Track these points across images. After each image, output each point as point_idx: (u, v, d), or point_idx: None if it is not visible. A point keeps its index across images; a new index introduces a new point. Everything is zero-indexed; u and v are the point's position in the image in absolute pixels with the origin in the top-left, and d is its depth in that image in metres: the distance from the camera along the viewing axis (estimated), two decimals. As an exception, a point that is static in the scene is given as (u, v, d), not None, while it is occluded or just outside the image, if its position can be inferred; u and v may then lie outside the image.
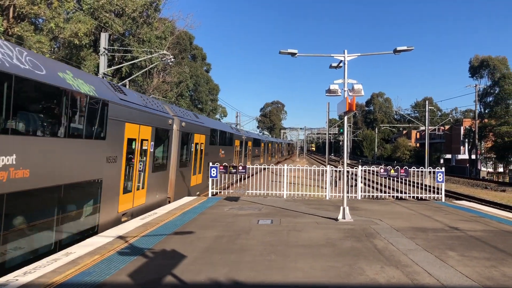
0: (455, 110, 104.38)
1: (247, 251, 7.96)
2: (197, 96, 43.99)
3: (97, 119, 10.79)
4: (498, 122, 56.46)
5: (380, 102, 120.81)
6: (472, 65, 65.87)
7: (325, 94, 11.94)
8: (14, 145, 7.61)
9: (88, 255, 7.61)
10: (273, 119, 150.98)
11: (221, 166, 17.05)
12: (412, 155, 77.82)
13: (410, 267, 6.97)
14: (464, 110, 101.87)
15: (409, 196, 18.25)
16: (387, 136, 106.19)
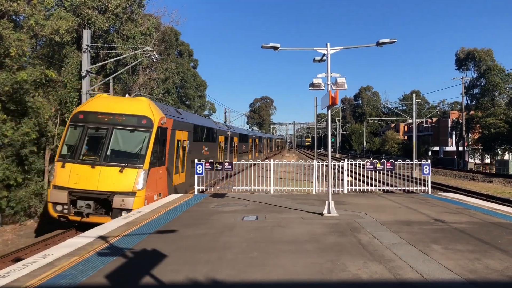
0: (443, 103, 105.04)
1: (230, 249, 7.83)
2: (184, 92, 43.65)
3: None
4: (484, 114, 56.94)
5: (368, 95, 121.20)
6: (458, 58, 66.21)
7: (309, 88, 11.82)
8: None
9: (66, 257, 7.42)
10: (263, 115, 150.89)
11: (207, 163, 16.88)
12: (401, 148, 78.24)
13: (394, 262, 6.89)
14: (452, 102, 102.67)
15: (398, 189, 18.23)
16: (375, 130, 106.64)
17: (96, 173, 13.67)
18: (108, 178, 13.61)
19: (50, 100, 21.87)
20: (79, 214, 13.55)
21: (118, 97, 19.74)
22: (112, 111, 14.73)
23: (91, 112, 14.80)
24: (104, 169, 13.76)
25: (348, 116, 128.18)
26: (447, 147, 71.23)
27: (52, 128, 21.91)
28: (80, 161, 14.05)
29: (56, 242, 13.48)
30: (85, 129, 14.54)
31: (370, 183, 26.92)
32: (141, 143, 14.50)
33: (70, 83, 22.21)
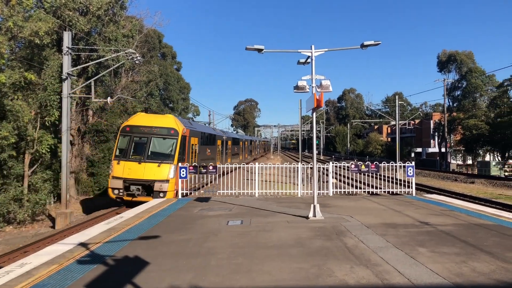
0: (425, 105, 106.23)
1: (214, 255, 7.66)
2: (167, 95, 43.24)
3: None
4: (466, 115, 57.72)
5: (351, 98, 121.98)
6: (440, 60, 67.10)
7: (294, 90, 11.72)
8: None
9: (45, 265, 7.17)
10: (247, 117, 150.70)
11: (190, 167, 16.67)
12: (384, 149, 78.83)
13: (381, 266, 6.80)
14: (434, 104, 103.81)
15: (383, 191, 18.26)
16: (359, 132, 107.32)
17: (141, 167, 19.43)
18: (150, 171, 19.31)
19: (29, 103, 21.39)
20: (131, 195, 19.02)
21: (152, 114, 26.36)
22: (149, 125, 20.72)
23: (135, 125, 20.79)
24: (147, 165, 19.51)
25: (332, 118, 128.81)
26: (429, 149, 71.99)
27: (32, 132, 21.43)
28: (130, 159, 19.72)
29: (36, 249, 13.15)
30: (131, 138, 20.35)
31: (355, 185, 27.00)
32: (171, 146, 20.30)
33: (51, 86, 21.75)
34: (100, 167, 32.15)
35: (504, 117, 50.28)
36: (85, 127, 32.27)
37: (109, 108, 33.63)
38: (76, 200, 29.67)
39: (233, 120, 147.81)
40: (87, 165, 32.28)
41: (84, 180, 31.87)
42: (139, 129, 20.55)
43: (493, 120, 52.76)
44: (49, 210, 23.98)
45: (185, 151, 21.54)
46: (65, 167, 21.28)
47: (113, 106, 34.00)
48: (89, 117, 32.78)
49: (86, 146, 32.72)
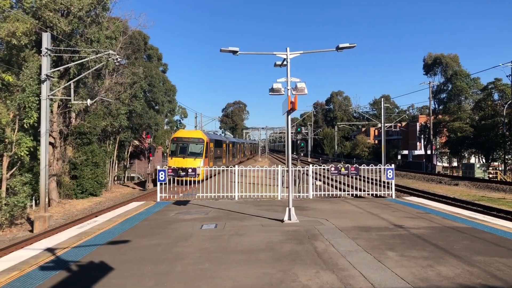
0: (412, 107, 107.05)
1: (181, 260, 7.54)
2: (152, 97, 42.93)
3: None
4: (451, 118, 58.22)
5: (339, 100, 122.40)
6: (426, 63, 67.61)
7: (269, 93, 11.65)
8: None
9: (5, 272, 6.98)
10: (235, 119, 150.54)
11: (169, 170, 16.51)
12: (371, 152, 79.19)
13: (347, 271, 6.73)
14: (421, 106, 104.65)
15: (367, 193, 18.26)
16: (347, 134, 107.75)
17: (184, 160, 32.74)
18: (189, 162, 31.95)
19: (7, 105, 21.05)
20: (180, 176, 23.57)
21: (190, 130, 42.65)
22: (187, 136, 35.37)
23: (179, 137, 35.40)
24: (187, 159, 33.19)
25: (320, 120, 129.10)
26: (416, 151, 72.48)
27: (10, 134, 21.10)
28: (178, 156, 34.05)
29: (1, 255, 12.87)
30: (178, 144, 34.75)
31: (339, 188, 27.00)
32: (200, 149, 34.46)
33: (29, 88, 21.44)
34: (83, 169, 31.80)
35: (488, 120, 50.79)
36: (67, 130, 31.88)
37: (92, 110, 33.29)
38: (58, 203, 29.29)
39: (222, 122, 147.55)
40: (70, 168, 31.90)
41: (67, 183, 31.49)
42: (182, 139, 35.50)
43: (478, 123, 53.26)
44: (29, 213, 23.63)
45: (208, 151, 36.15)
46: (44, 170, 20.96)
47: (96, 108, 33.68)
48: (71, 119, 32.41)
49: (68, 149, 32.32)
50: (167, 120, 53.98)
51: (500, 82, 52.80)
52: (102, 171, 33.50)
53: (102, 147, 35.99)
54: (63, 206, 28.34)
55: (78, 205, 29.25)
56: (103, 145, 36.48)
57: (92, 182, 32.25)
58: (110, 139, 37.92)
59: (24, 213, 22.68)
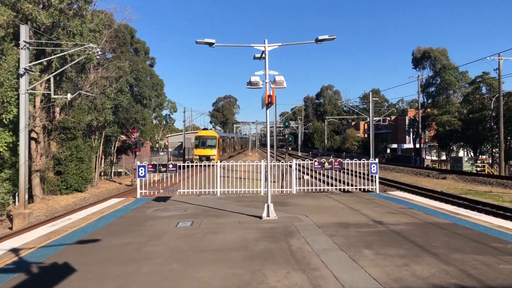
0: (402, 101, 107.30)
1: (149, 260, 7.24)
2: (139, 91, 42.37)
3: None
4: (440, 112, 58.29)
5: (329, 94, 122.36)
6: (415, 57, 67.58)
7: (247, 86, 11.34)
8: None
9: (-39, 275, 6.64)
10: (226, 114, 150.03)
11: (149, 165, 16.18)
12: (361, 145, 79.23)
13: (318, 271, 6.48)
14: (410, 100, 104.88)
15: (354, 188, 18.06)
16: (337, 128, 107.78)
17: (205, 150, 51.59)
18: (207, 151, 51.45)
19: (-15, 100, 20.56)
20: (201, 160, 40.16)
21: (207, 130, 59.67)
22: (206, 135, 54.62)
23: (200, 135, 54.66)
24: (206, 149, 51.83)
25: (311, 114, 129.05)
26: (405, 145, 72.60)
27: (-13, 129, 20.62)
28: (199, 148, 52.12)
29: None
30: (200, 140, 53.11)
31: (327, 182, 26.83)
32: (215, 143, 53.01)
33: (7, 82, 20.93)
34: (68, 165, 31.34)
35: (476, 113, 50.91)
36: (51, 124, 31.37)
37: (77, 104, 32.77)
38: (42, 199, 28.85)
39: (212, 117, 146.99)
40: (54, 163, 31.42)
41: (51, 179, 31.02)
42: (202, 137, 53.49)
43: (466, 116, 53.38)
44: (10, 210, 23.18)
45: (219, 144, 54.40)
46: (23, 166, 20.50)
47: (81, 102, 33.16)
48: (56, 114, 31.86)
49: (52, 144, 31.82)
50: (155, 114, 53.49)
51: (488, 76, 52.91)
52: (87, 167, 33.06)
53: (88, 142, 35.50)
54: (46, 203, 27.90)
55: (62, 201, 28.82)
56: (88, 140, 35.98)
57: (77, 177, 31.80)
58: (96, 134, 37.42)
59: (4, 210, 22.23)
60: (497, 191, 29.41)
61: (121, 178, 44.81)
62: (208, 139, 52.76)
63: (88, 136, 36.35)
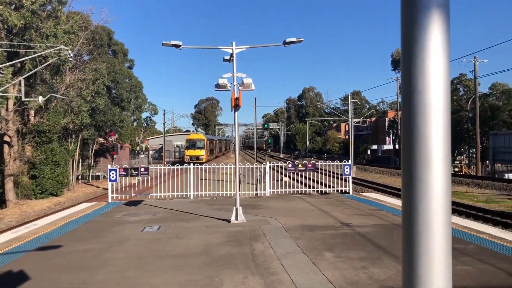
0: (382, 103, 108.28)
1: (107, 267, 7.10)
2: (117, 94, 41.91)
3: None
4: (418, 113, 58.94)
5: (311, 96, 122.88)
6: (394, 59, 68.37)
7: (214, 89, 11.25)
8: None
9: None
10: (208, 116, 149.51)
11: (121, 169, 15.96)
12: (341, 147, 79.74)
13: (276, 275, 6.43)
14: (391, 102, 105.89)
15: (333, 189, 18.11)
16: (318, 129, 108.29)
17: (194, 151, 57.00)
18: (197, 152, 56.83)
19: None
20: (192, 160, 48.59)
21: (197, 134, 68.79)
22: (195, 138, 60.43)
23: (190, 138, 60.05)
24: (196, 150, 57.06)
25: (293, 116, 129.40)
26: (385, 146, 73.28)
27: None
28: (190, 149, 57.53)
29: None
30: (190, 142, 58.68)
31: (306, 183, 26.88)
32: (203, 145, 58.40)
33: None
34: (43, 169, 30.76)
35: (454, 115, 51.63)
36: (25, 128, 30.78)
37: (52, 107, 32.23)
38: (16, 204, 28.27)
39: (194, 119, 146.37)
40: (29, 167, 30.82)
41: (25, 183, 30.42)
42: (192, 139, 58.92)
43: (443, 117, 54.09)
44: (-19, 216, 22.64)
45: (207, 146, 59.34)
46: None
47: (56, 105, 32.62)
48: (30, 117, 31.28)
49: (27, 148, 31.21)
50: (134, 117, 52.94)
51: (465, 78, 53.78)
52: (63, 170, 32.52)
53: (64, 145, 34.93)
54: (20, 207, 27.33)
55: (37, 205, 28.27)
56: (64, 143, 35.41)
57: (53, 181, 31.24)
58: (72, 137, 36.86)
59: (-26, 216, 21.70)
60: (472, 191, 29.81)
61: (99, 181, 44.20)
62: (197, 141, 59.12)
63: (64, 139, 35.78)
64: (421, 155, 0.94)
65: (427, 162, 0.93)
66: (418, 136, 0.94)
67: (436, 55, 0.90)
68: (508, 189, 28.75)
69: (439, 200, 0.96)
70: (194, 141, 59.41)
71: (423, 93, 0.92)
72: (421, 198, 0.94)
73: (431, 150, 0.93)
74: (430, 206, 0.95)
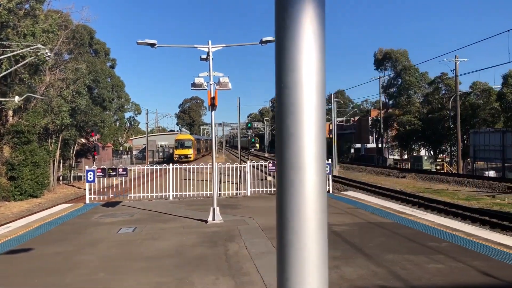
0: (366, 102, 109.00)
1: (76, 270, 6.95)
2: (98, 93, 41.41)
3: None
4: (401, 112, 59.50)
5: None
6: (376, 58, 68.75)
7: (191, 88, 11.14)
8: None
9: None
10: (193, 115, 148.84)
11: (98, 169, 15.74)
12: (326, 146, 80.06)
13: (248, 276, 6.36)
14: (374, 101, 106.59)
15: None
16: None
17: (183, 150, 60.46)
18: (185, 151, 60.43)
19: None
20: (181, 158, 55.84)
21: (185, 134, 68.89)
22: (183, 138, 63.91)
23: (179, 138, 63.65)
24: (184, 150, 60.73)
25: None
26: (368, 144, 73.77)
27: None
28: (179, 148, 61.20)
29: None
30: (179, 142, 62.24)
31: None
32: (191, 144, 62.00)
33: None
34: (22, 170, 30.22)
35: (435, 113, 52.23)
36: (3, 128, 30.24)
37: (31, 107, 31.70)
38: (-7, 206, 27.73)
39: (179, 119, 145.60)
40: (7, 169, 30.26)
41: (4, 185, 29.86)
42: (181, 139, 62.50)
43: (426, 116, 54.67)
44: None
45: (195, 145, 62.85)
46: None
47: (35, 105, 32.10)
48: (8, 117, 30.72)
49: (5, 148, 30.65)
50: (116, 117, 52.23)
51: (446, 77, 54.35)
52: (43, 171, 31.99)
53: (44, 146, 34.36)
54: (-3, 210, 26.82)
55: (15, 207, 27.75)
56: (44, 144, 34.84)
57: (32, 183, 30.72)
58: (53, 138, 36.26)
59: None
60: (453, 189, 30.15)
61: (81, 182, 43.56)
62: (185, 141, 62.77)
63: (45, 139, 35.20)
64: (292, 157, 0.87)
65: (298, 165, 0.87)
66: (289, 137, 0.88)
67: (309, 49, 0.83)
68: (487, 186, 29.15)
69: (312, 205, 0.90)
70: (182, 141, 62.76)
71: (294, 90, 0.85)
72: (292, 204, 0.87)
73: (303, 153, 0.87)
74: (301, 213, 0.88)
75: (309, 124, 0.86)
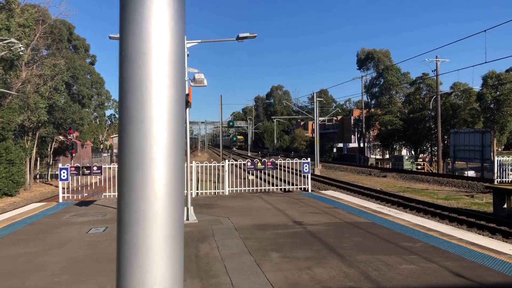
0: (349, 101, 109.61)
1: (38, 272, 6.65)
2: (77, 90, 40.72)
3: None
4: (383, 112, 59.90)
5: (279, 94, 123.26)
6: (359, 58, 69.09)
7: (165, 84, 10.87)
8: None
9: None
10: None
11: (72, 168, 15.35)
12: (308, 145, 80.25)
13: (216, 278, 6.15)
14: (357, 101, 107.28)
15: (295, 187, 18.01)
16: (286, 128, 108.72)
17: None
18: None
19: None
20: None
21: None
22: None
23: None
24: None
25: (261, 114, 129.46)
26: (350, 144, 74.18)
27: None
28: None
29: None
30: None
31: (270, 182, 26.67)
32: None
33: None
34: (-3, 168, 29.51)
35: (417, 113, 52.67)
36: (-23, 125, 29.44)
37: (7, 104, 30.94)
38: (-33, 205, 26.97)
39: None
40: (-19, 167, 29.49)
41: (-23, 184, 29.10)
42: None
43: (407, 116, 55.11)
44: None
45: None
46: None
47: (11, 101, 31.34)
48: (-17, 114, 29.92)
49: (-21, 146, 29.87)
50: (96, 114, 51.41)
51: (427, 77, 54.88)
52: (18, 169, 31.27)
53: (19, 143, 33.63)
54: (-30, 209, 26.09)
55: (-11, 207, 27.06)
56: (20, 141, 34.10)
57: (7, 181, 29.99)
58: (29, 135, 35.51)
59: None
60: (433, 189, 30.38)
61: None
62: None
63: (21, 137, 34.44)
64: (133, 155, 0.67)
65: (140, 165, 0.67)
66: (130, 122, 0.67)
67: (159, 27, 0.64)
68: (466, 186, 29.43)
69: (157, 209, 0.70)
70: None
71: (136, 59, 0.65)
72: (130, 207, 0.68)
73: (147, 144, 0.67)
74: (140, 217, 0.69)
75: (160, 106, 0.66)
